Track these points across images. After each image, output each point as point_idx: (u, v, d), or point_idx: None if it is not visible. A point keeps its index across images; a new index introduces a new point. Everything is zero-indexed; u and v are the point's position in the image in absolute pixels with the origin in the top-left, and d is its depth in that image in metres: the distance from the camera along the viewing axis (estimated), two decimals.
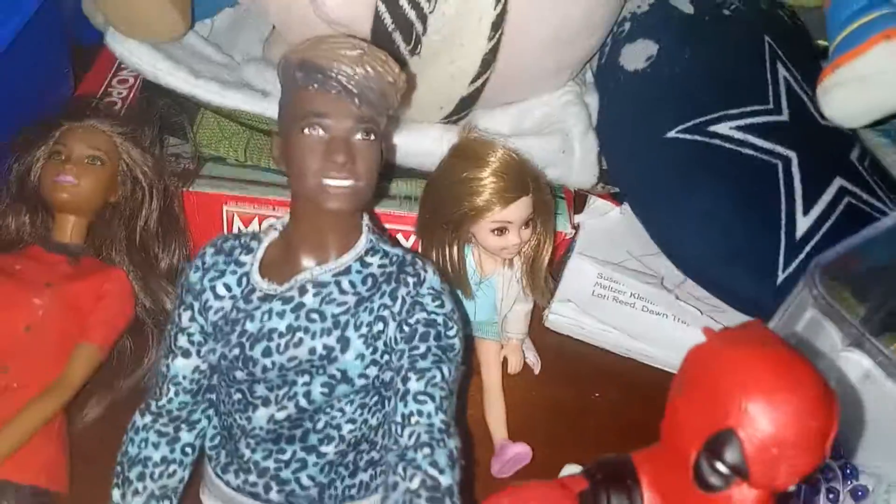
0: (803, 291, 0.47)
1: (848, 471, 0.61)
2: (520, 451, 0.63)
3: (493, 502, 0.41)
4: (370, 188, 0.48)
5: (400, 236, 0.73)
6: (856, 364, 0.56)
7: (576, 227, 0.77)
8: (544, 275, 0.66)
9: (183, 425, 0.51)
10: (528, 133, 0.72)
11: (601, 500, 0.39)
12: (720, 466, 0.35)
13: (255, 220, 0.73)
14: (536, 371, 0.71)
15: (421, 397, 0.46)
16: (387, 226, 0.72)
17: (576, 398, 0.70)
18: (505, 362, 0.69)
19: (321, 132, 0.47)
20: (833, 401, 0.35)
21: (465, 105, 0.68)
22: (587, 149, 0.73)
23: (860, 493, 0.61)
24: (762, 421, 0.34)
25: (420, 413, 0.46)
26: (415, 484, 0.43)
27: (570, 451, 0.64)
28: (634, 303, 0.73)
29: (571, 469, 0.62)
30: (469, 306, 0.66)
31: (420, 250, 0.66)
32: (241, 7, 0.84)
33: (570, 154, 0.72)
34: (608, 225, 0.79)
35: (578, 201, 0.80)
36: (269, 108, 0.71)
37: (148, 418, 0.51)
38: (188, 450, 0.52)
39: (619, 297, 0.74)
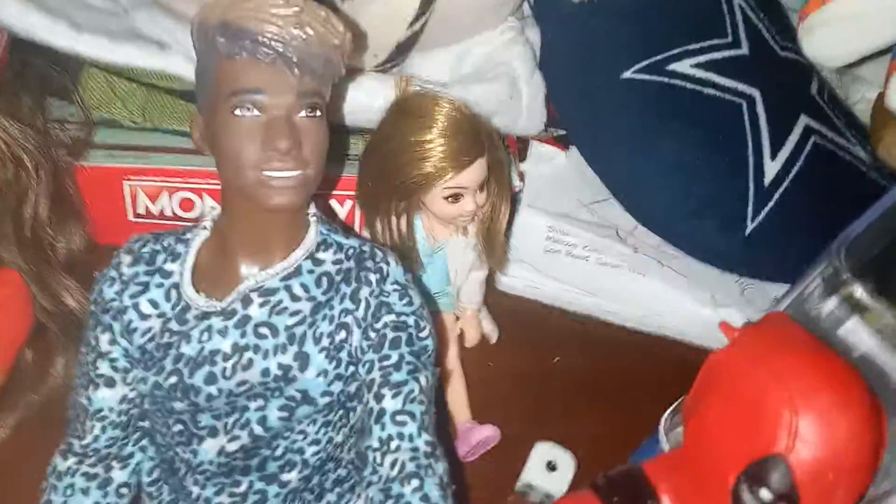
0: (821, 276, 0.42)
1: None
2: (488, 435, 0.59)
3: None
4: (319, 175, 0.41)
5: (334, 202, 0.66)
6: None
7: (522, 178, 0.71)
8: (502, 239, 0.61)
9: (114, 462, 0.44)
10: (470, 79, 0.65)
11: None
12: (765, 494, 0.31)
13: (164, 195, 0.64)
14: (493, 340, 0.66)
15: (400, 417, 0.40)
16: (320, 191, 0.65)
17: (537, 365, 0.66)
18: (461, 335, 0.64)
19: (256, 112, 0.38)
20: (882, 411, 0.31)
21: (402, 51, 0.61)
22: (535, 92, 0.67)
23: None
24: (816, 444, 0.30)
25: (401, 436, 0.40)
26: None
27: (539, 424, 0.62)
28: (588, 256, 0.70)
29: (543, 447, 0.59)
30: (419, 278, 0.60)
31: (362, 221, 0.59)
32: None
33: (518, 99, 0.66)
34: (555, 172, 0.74)
35: (520, 147, 0.75)
36: (169, 63, 0.62)
37: (72, 460, 0.43)
38: (123, 490, 0.44)
39: (572, 251, 0.70)
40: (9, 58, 0.66)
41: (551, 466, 0.58)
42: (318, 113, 0.40)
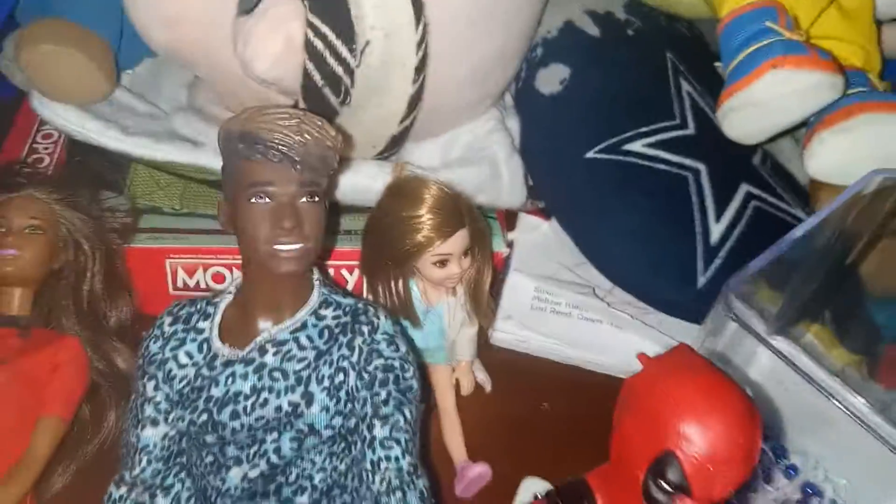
0: (718, 310, 0.51)
1: (778, 451, 0.67)
2: (481, 472, 0.66)
3: None
4: (318, 247, 0.51)
5: (344, 271, 0.75)
6: (778, 351, 0.62)
7: (510, 245, 0.81)
8: (487, 298, 0.69)
9: (158, 492, 0.53)
10: (456, 164, 0.75)
11: None
12: (664, 485, 0.39)
13: (199, 270, 0.74)
14: (488, 389, 0.73)
15: (387, 443, 0.49)
16: (331, 262, 0.75)
17: (528, 411, 0.73)
18: (457, 385, 0.72)
19: (267, 200, 0.49)
20: (756, 415, 0.39)
21: (396, 142, 0.71)
22: (513, 172, 0.76)
23: (791, 472, 0.66)
24: (697, 442, 0.38)
25: (388, 458, 0.49)
26: None
27: (528, 462, 0.67)
28: (571, 312, 0.77)
29: (530, 482, 0.66)
30: (418, 335, 0.69)
31: (365, 285, 0.69)
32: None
33: (498, 179, 0.75)
34: (539, 239, 0.83)
35: (510, 218, 0.84)
36: (200, 157, 0.72)
37: (123, 489, 0.52)
38: None
39: (556, 308, 0.78)
40: (68, 157, 0.78)
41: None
42: (317, 198, 0.50)
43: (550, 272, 0.80)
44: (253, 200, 0.49)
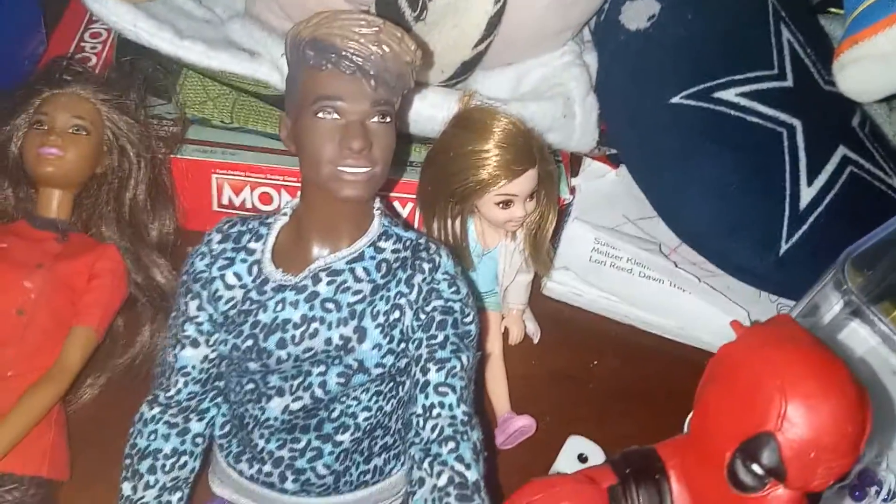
0: (829, 285, 0.46)
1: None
2: (525, 424, 0.63)
3: (523, 498, 0.41)
4: (385, 173, 0.47)
5: (397, 204, 0.72)
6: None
7: (573, 191, 0.76)
8: (547, 245, 0.65)
9: (192, 415, 0.50)
10: (528, 97, 0.70)
11: (631, 494, 0.39)
12: (756, 468, 0.35)
13: (246, 188, 0.71)
14: (536, 340, 0.71)
15: (442, 388, 0.45)
16: (383, 192, 0.71)
17: (576, 366, 0.70)
18: (506, 333, 0.69)
19: (335, 116, 0.44)
20: (867, 402, 0.35)
21: (467, 69, 0.66)
22: (588, 113, 0.71)
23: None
24: (801, 425, 0.34)
25: (442, 405, 0.45)
26: (442, 481, 0.42)
27: (573, 420, 0.66)
28: (632, 269, 0.73)
29: (575, 441, 0.63)
30: (470, 277, 0.65)
31: (421, 221, 0.65)
32: None
33: (572, 118, 0.70)
34: (605, 188, 0.78)
35: (574, 163, 0.79)
36: (258, 70, 0.68)
37: (157, 409, 0.50)
38: (198, 440, 0.50)
39: (616, 262, 0.74)
40: (119, 57, 0.74)
41: (582, 459, 0.62)
42: (388, 119, 0.46)
43: (613, 224, 0.76)
44: (320, 115, 0.44)
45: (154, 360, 0.54)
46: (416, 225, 0.71)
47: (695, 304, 0.71)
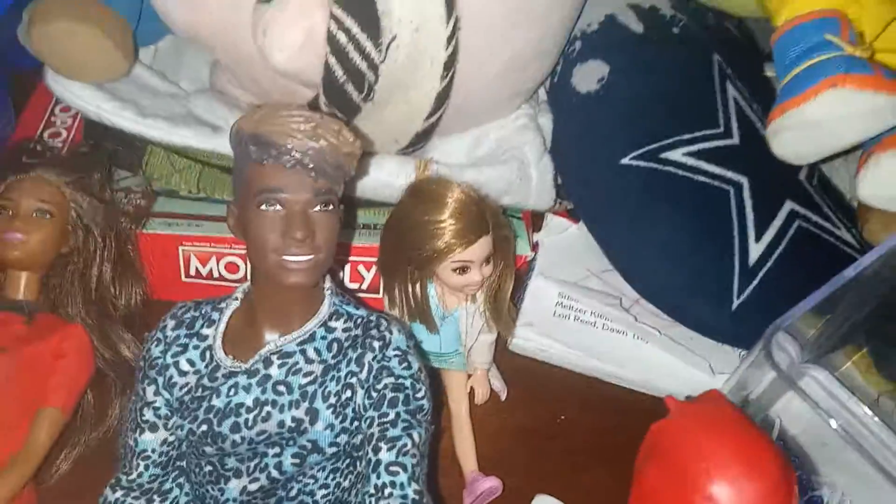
0: (760, 356, 0.48)
1: (804, 482, 0.64)
2: (491, 486, 0.64)
3: None
4: (330, 258, 0.48)
5: (361, 268, 0.73)
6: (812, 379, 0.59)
7: (535, 248, 0.77)
8: (507, 306, 0.67)
9: (155, 496, 0.51)
10: (483, 162, 0.72)
11: None
12: None
13: (213, 259, 0.72)
14: (503, 397, 0.71)
15: (393, 468, 0.47)
16: (348, 258, 0.72)
17: (543, 422, 0.71)
18: (472, 392, 0.70)
19: (278, 207, 0.46)
20: (791, 481, 0.36)
21: (421, 138, 0.68)
22: (543, 173, 0.73)
23: (816, 503, 0.64)
24: None
25: (393, 484, 0.46)
26: None
27: (540, 477, 0.66)
28: (595, 321, 0.74)
29: (542, 500, 0.64)
30: (434, 339, 0.67)
31: (382, 286, 0.66)
32: None
33: (527, 181, 0.72)
34: (567, 242, 0.79)
35: (536, 219, 0.81)
36: (219, 144, 0.69)
37: (119, 493, 0.51)
38: None
39: (580, 316, 0.75)
40: (83, 137, 0.76)
41: None
42: (331, 207, 0.47)
43: (576, 278, 0.77)
44: (263, 207, 0.46)
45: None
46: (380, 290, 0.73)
47: (657, 356, 0.72)
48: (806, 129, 0.59)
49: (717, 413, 0.38)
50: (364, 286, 0.74)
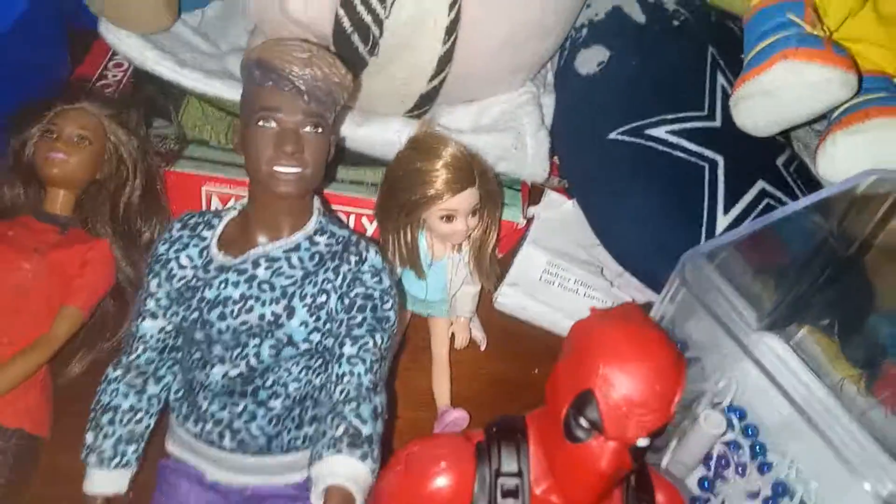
0: (675, 283, 0.53)
1: (757, 448, 0.68)
2: (458, 416, 0.69)
3: (406, 448, 0.48)
4: (317, 175, 0.55)
5: (365, 220, 0.79)
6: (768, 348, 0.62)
7: (528, 218, 0.83)
8: (489, 259, 0.72)
9: (150, 379, 0.58)
10: (484, 130, 0.78)
11: (492, 450, 0.46)
12: (582, 421, 0.42)
13: (232, 200, 0.79)
14: (483, 347, 0.77)
15: (353, 360, 0.53)
16: (354, 209, 0.79)
17: (517, 373, 0.76)
18: (453, 338, 0.75)
19: (273, 124, 0.53)
20: (679, 370, 0.41)
21: (426, 101, 0.74)
22: (538, 145, 0.78)
23: (766, 468, 0.67)
24: (615, 384, 0.41)
25: (352, 373, 0.52)
26: (339, 432, 0.50)
27: None
28: (577, 289, 0.79)
29: None
30: (421, 285, 0.72)
31: (378, 232, 0.73)
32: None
33: (523, 150, 0.77)
34: (561, 216, 0.85)
35: (536, 194, 0.86)
36: None
37: (119, 371, 0.58)
38: (154, 401, 0.58)
39: (564, 283, 0.80)
40: (131, 85, 0.85)
41: None
42: (320, 130, 0.54)
43: (565, 249, 0.82)
44: (260, 123, 0.53)
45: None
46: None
47: None
48: (762, 98, 0.63)
49: (623, 313, 0.43)
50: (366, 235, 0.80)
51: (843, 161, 0.67)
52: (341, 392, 0.52)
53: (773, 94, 0.63)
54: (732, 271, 0.57)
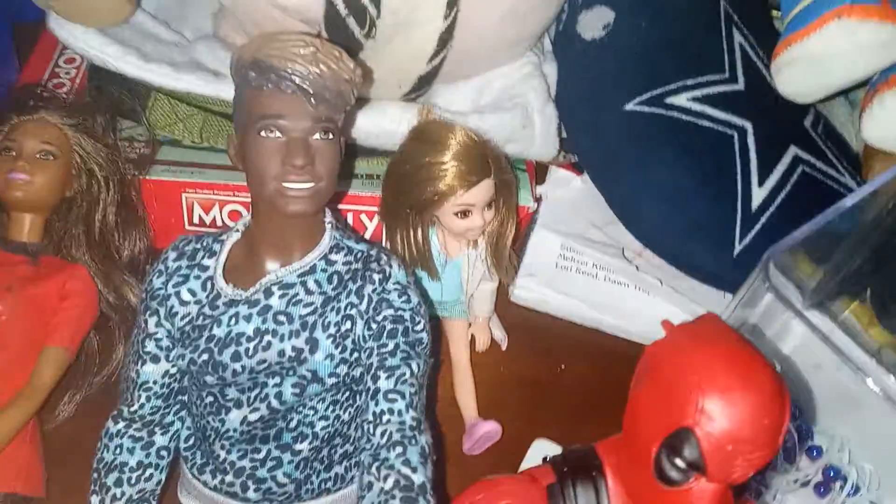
0: (756, 279, 0.48)
1: (804, 431, 0.64)
2: (490, 429, 0.64)
3: (467, 498, 0.42)
4: (331, 188, 0.48)
5: (364, 217, 0.73)
6: (815, 326, 0.58)
7: (538, 200, 0.77)
8: (508, 253, 0.67)
9: (157, 429, 0.52)
10: (487, 109, 0.71)
11: (568, 492, 0.41)
12: (679, 462, 0.37)
13: (216, 207, 0.72)
14: (504, 347, 0.72)
15: (391, 395, 0.47)
16: (350, 206, 0.72)
17: (543, 372, 0.71)
18: (473, 340, 0.70)
19: (278, 134, 0.46)
20: (785, 396, 0.36)
21: (424, 82, 0.68)
22: (547, 122, 0.73)
23: (815, 453, 0.64)
24: (718, 420, 0.35)
25: (391, 411, 0.46)
26: (389, 484, 0.44)
27: (540, 424, 0.66)
28: (597, 273, 0.74)
29: (541, 444, 0.64)
30: (436, 287, 0.67)
31: (384, 233, 0.66)
32: None
33: (531, 128, 0.72)
34: (570, 195, 0.79)
35: (540, 171, 0.81)
36: (223, 90, 0.69)
37: (121, 424, 0.51)
38: (163, 453, 0.52)
39: (581, 268, 0.75)
40: (87, 82, 0.76)
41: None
42: (331, 136, 0.47)
43: (578, 230, 0.77)
44: (263, 134, 0.46)
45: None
46: (382, 239, 0.73)
47: (659, 307, 0.72)
48: (810, 62, 0.58)
49: (711, 330, 0.38)
50: (366, 235, 0.74)
51: (891, 123, 0.62)
52: (382, 434, 0.46)
53: (823, 59, 0.58)
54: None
